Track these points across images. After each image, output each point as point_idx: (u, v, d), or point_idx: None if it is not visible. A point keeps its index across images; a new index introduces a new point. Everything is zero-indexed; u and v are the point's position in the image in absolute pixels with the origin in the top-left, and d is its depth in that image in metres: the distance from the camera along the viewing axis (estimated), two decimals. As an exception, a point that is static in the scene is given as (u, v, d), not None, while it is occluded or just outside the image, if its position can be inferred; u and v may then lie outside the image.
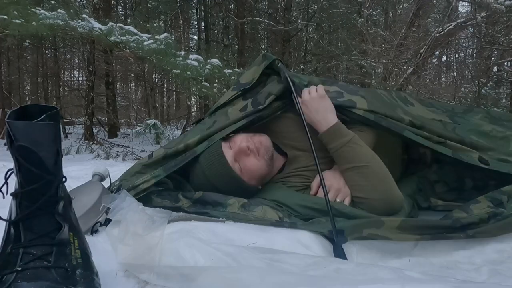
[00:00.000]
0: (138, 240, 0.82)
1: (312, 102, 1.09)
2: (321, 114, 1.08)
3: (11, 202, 0.66)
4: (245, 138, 1.10)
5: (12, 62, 8.89)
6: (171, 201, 1.04)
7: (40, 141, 0.64)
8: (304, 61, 9.58)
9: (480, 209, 0.93)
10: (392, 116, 1.09)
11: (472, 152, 1.05)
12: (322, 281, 0.63)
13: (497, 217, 0.89)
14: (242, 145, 1.08)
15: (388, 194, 1.02)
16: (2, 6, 3.34)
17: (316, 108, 1.09)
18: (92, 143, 5.15)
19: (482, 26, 4.17)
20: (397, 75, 4.88)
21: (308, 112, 1.10)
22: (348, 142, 1.05)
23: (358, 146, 1.05)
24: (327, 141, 1.08)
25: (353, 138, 1.06)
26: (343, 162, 1.06)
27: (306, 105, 1.10)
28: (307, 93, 1.12)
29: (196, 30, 11.92)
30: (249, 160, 1.09)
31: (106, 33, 3.70)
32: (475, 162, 1.03)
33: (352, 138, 1.06)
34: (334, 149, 1.07)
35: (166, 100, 12.36)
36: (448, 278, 0.70)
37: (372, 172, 1.02)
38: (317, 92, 1.11)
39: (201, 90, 4.23)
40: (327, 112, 1.09)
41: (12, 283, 0.58)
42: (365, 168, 1.02)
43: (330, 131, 1.07)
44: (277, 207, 1.04)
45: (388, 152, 1.14)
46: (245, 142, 1.09)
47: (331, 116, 1.09)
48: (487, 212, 0.90)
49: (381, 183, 1.02)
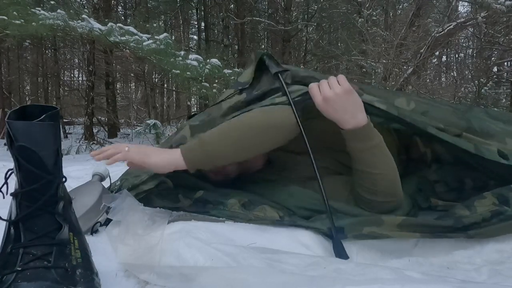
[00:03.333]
0: (138, 240, 0.82)
1: (338, 100, 0.92)
2: (350, 113, 0.93)
3: (11, 202, 0.66)
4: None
5: (12, 62, 8.90)
6: (171, 200, 1.04)
7: (40, 141, 0.64)
8: (304, 61, 9.59)
9: (484, 205, 0.92)
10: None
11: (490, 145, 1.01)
12: (322, 281, 0.63)
13: (500, 216, 0.89)
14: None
15: (393, 198, 1.02)
16: (2, 6, 3.34)
17: (344, 106, 0.93)
18: (92, 143, 5.16)
19: (482, 26, 4.17)
20: (397, 75, 4.88)
21: (333, 112, 0.94)
22: (372, 147, 0.96)
23: (381, 154, 0.98)
24: (350, 138, 0.97)
25: (379, 144, 0.97)
26: (360, 163, 1.00)
27: (330, 103, 0.93)
28: (328, 88, 0.93)
29: (196, 30, 11.93)
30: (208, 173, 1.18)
31: (106, 33, 3.70)
32: (496, 158, 0.99)
33: (378, 143, 0.97)
34: (355, 149, 0.98)
35: (166, 100, 12.36)
36: (448, 278, 0.70)
37: (384, 180, 0.99)
38: (341, 85, 0.93)
39: (200, 90, 4.24)
40: (357, 111, 0.93)
41: (12, 283, 0.58)
42: (379, 176, 0.98)
43: (359, 131, 0.94)
44: (278, 206, 1.04)
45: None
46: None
47: (361, 114, 0.94)
48: (491, 210, 0.90)
49: (389, 190, 1.01)
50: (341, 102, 0.92)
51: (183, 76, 3.99)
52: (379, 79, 5.34)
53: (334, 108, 0.93)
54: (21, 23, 3.31)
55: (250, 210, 1.00)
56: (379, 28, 6.17)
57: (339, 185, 1.08)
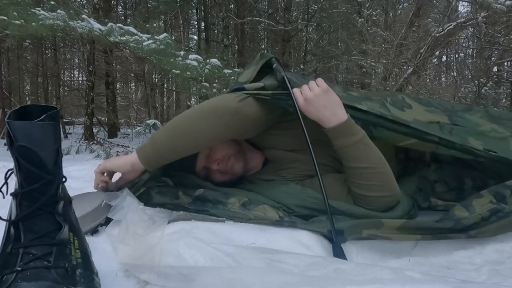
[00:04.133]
0: (138, 240, 0.82)
1: (318, 98, 0.99)
2: (330, 110, 0.99)
3: (11, 202, 0.66)
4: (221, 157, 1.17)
5: (12, 62, 8.89)
6: (171, 198, 1.04)
7: (40, 141, 0.64)
8: (304, 61, 9.59)
9: (481, 204, 0.92)
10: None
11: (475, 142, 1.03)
12: (322, 281, 0.63)
13: (498, 214, 0.89)
14: (213, 167, 1.17)
15: (388, 192, 1.02)
16: (2, 6, 3.34)
17: (324, 103, 0.99)
18: (92, 143, 5.15)
19: (482, 26, 4.17)
20: (397, 75, 4.89)
21: (313, 110, 1.00)
22: (356, 142, 1.00)
23: (366, 146, 1.01)
24: (334, 136, 1.01)
25: (362, 138, 1.00)
26: (348, 160, 1.03)
27: (311, 103, 0.99)
28: (308, 90, 1.01)
29: (196, 30, 11.92)
30: (214, 174, 1.19)
31: (106, 34, 3.70)
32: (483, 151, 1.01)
33: (361, 137, 1.00)
34: (340, 146, 1.02)
35: (166, 100, 12.35)
36: (448, 278, 0.70)
37: (375, 174, 1.01)
38: (319, 86, 1.00)
39: (200, 90, 4.24)
40: (336, 107, 0.99)
41: (12, 283, 0.58)
42: (369, 170, 1.00)
43: (340, 128, 0.99)
44: (277, 205, 1.04)
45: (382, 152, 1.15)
46: (216, 165, 1.17)
47: (341, 111, 0.99)
48: (489, 209, 0.90)
49: (382, 183, 1.02)
50: (320, 100, 0.99)
51: (183, 76, 3.99)
52: (379, 79, 5.34)
53: (314, 107, 1.00)
54: (21, 23, 3.31)
55: (250, 209, 1.00)
56: (379, 28, 6.17)
57: (338, 185, 1.08)
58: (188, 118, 1.03)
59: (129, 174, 1.04)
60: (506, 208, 0.89)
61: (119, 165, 1.04)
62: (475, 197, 0.95)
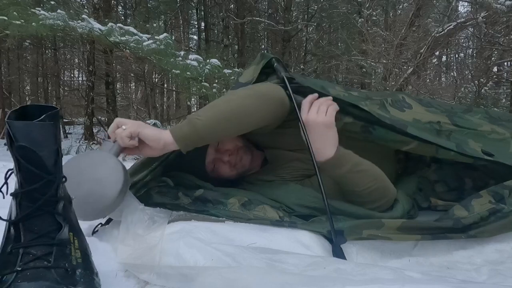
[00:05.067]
0: (138, 240, 0.82)
1: (316, 127, 0.97)
2: (320, 144, 0.97)
3: (11, 202, 0.66)
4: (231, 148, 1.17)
5: (12, 62, 8.90)
6: (171, 198, 1.04)
7: (40, 141, 0.64)
8: (304, 61, 9.59)
9: (480, 204, 0.93)
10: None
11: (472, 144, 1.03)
12: (322, 281, 0.63)
13: (498, 214, 0.89)
14: (224, 158, 1.16)
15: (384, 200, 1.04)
16: (2, 6, 3.34)
17: (319, 135, 0.97)
18: (92, 143, 5.15)
19: (482, 26, 4.17)
20: (397, 75, 4.89)
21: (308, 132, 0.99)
22: (347, 173, 0.99)
23: (359, 174, 1.00)
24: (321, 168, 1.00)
25: (353, 168, 0.99)
26: (342, 185, 1.04)
27: (309, 124, 0.98)
28: (315, 112, 0.98)
29: (196, 30, 11.93)
30: (223, 167, 1.18)
31: (106, 34, 3.70)
32: (479, 155, 1.01)
33: (350, 168, 0.99)
34: (331, 176, 1.02)
35: (166, 100, 12.35)
36: (448, 278, 0.70)
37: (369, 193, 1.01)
38: (326, 115, 0.97)
39: (200, 90, 4.24)
40: (326, 145, 0.97)
41: (12, 283, 0.58)
42: (364, 191, 1.01)
43: (327, 163, 0.99)
44: (277, 205, 1.04)
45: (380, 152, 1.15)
46: (227, 157, 1.16)
47: (329, 149, 0.97)
48: (488, 209, 0.90)
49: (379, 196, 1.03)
50: (317, 130, 0.97)
51: (183, 76, 3.99)
52: (379, 79, 5.34)
53: (309, 130, 0.98)
54: (21, 23, 3.31)
55: (250, 209, 1.00)
56: (379, 28, 6.17)
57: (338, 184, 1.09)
58: (234, 99, 1.00)
59: (155, 151, 0.96)
60: (505, 208, 0.90)
61: (152, 139, 0.94)
62: (474, 197, 0.96)
